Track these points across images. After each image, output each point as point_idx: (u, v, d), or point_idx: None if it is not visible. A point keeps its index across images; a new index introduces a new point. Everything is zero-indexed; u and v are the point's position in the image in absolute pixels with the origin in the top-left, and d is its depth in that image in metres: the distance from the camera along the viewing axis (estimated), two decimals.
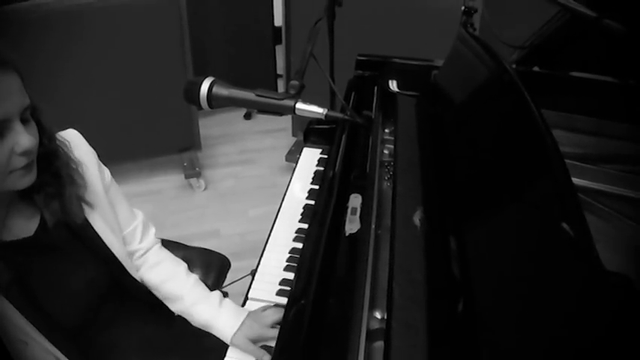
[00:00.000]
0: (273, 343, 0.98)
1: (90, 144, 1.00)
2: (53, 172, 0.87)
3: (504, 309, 0.65)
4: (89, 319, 0.95)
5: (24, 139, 0.77)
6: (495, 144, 0.90)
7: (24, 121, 0.78)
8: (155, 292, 1.09)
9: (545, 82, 1.32)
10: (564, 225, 0.58)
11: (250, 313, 1.03)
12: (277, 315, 1.00)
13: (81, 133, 0.99)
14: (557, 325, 0.54)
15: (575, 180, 0.65)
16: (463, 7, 1.38)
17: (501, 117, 0.93)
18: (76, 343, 0.91)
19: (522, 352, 0.58)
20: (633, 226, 0.96)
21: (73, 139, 0.95)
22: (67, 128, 0.98)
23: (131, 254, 1.08)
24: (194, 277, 1.11)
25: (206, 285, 1.13)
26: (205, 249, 1.43)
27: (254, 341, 1.00)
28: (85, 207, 0.94)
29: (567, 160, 0.68)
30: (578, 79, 1.29)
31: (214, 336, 1.02)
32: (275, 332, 0.97)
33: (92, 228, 0.96)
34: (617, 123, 1.20)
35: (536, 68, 1.32)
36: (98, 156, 1.02)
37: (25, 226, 0.88)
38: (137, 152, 2.70)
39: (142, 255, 1.11)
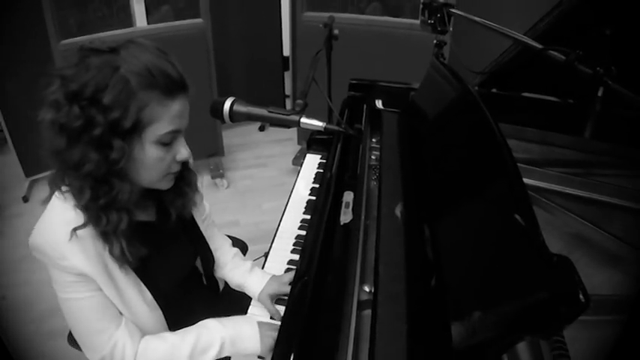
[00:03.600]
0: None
1: None
2: (184, 180, 0.90)
3: (468, 283, 0.65)
4: (178, 288, 0.96)
5: (185, 150, 0.79)
6: (461, 151, 0.91)
7: None
8: None
9: (502, 101, 1.32)
10: (516, 216, 0.58)
11: (273, 276, 1.06)
12: (292, 275, 1.03)
13: None
14: (510, 295, 0.54)
15: (525, 180, 0.65)
16: (435, 41, 1.38)
17: (466, 129, 0.93)
18: (169, 308, 0.91)
19: (481, 316, 0.58)
20: (571, 216, 0.96)
21: None
22: None
23: None
24: (235, 250, 1.15)
25: None
26: (228, 235, 1.43)
27: (274, 295, 1.02)
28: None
29: (519, 164, 0.68)
30: (528, 99, 1.29)
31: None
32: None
33: (194, 220, 0.99)
34: (559, 134, 1.20)
35: (494, 90, 1.32)
36: None
37: (145, 213, 0.88)
38: None
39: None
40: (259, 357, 0.91)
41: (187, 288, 1.00)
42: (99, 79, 0.66)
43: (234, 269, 1.09)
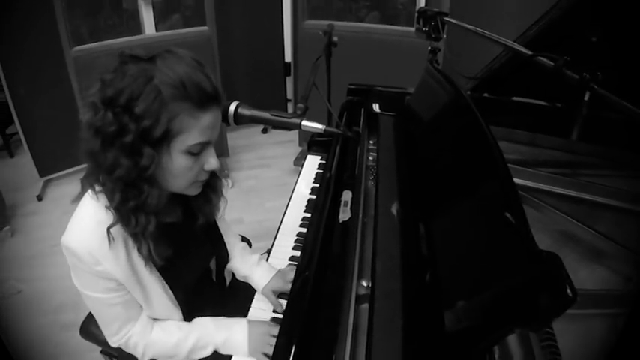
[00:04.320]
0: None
1: None
2: (212, 187, 0.89)
3: (460, 277, 0.65)
4: (194, 283, 0.97)
5: (214, 160, 0.76)
6: (454, 152, 0.90)
7: None
8: None
9: (492, 104, 1.32)
10: (507, 214, 0.58)
11: (278, 271, 1.06)
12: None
13: None
14: (500, 289, 0.54)
15: (515, 180, 0.65)
16: (429, 48, 1.38)
17: (459, 131, 0.93)
18: (186, 305, 0.93)
19: (473, 307, 0.58)
20: (559, 214, 0.96)
21: None
22: None
23: None
24: (243, 244, 1.15)
25: None
26: None
27: (277, 291, 1.02)
28: None
29: (509, 165, 0.68)
30: (517, 103, 1.29)
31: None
32: None
33: (215, 223, 1.00)
34: (547, 136, 1.20)
35: (485, 94, 1.32)
36: None
37: (172, 215, 0.88)
38: None
39: None
40: None
41: (199, 285, 1.01)
42: (133, 87, 0.65)
43: (241, 261, 1.10)
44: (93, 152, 0.69)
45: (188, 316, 0.94)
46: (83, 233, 0.73)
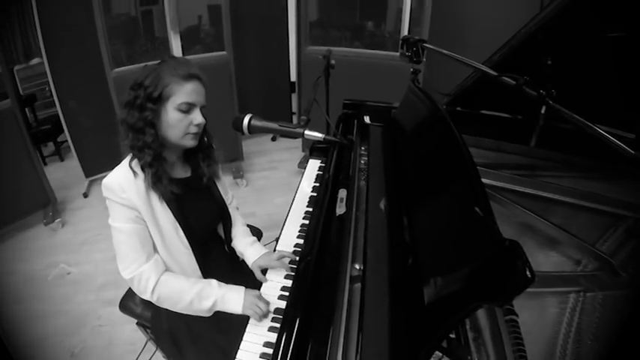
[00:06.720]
0: (280, 277, 1.00)
1: None
2: (208, 154, 1.03)
3: (437, 262, 0.65)
4: (205, 239, 1.03)
5: (199, 117, 0.91)
6: (432, 156, 0.90)
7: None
8: None
9: (464, 117, 1.32)
10: (476, 208, 0.58)
11: (266, 252, 1.09)
12: (281, 254, 1.05)
13: None
14: (470, 271, 0.54)
15: (483, 180, 0.65)
16: (412, 69, 1.38)
17: (436, 139, 0.92)
18: (199, 255, 0.99)
19: (448, 287, 0.58)
20: (520, 209, 0.96)
21: None
22: None
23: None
24: (245, 228, 1.18)
25: None
26: (247, 225, 1.42)
27: (264, 266, 1.05)
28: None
29: (478, 167, 0.68)
30: (485, 115, 1.29)
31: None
32: (277, 264, 1.04)
33: (216, 185, 1.08)
34: (510, 143, 1.20)
35: (458, 108, 1.32)
36: None
37: (183, 172, 1.00)
38: None
39: None
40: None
41: (212, 248, 1.06)
42: (146, 74, 0.88)
43: (240, 239, 1.13)
44: (122, 118, 0.89)
45: (205, 277, 0.98)
46: (116, 173, 0.89)
